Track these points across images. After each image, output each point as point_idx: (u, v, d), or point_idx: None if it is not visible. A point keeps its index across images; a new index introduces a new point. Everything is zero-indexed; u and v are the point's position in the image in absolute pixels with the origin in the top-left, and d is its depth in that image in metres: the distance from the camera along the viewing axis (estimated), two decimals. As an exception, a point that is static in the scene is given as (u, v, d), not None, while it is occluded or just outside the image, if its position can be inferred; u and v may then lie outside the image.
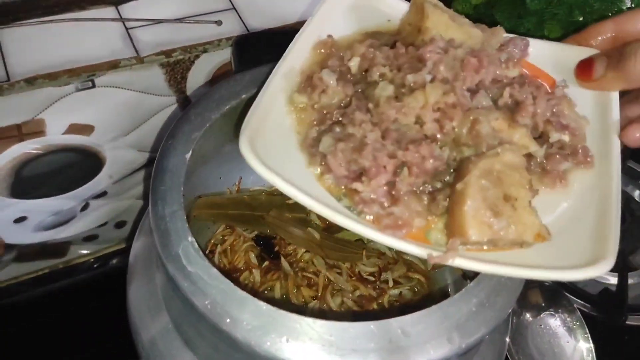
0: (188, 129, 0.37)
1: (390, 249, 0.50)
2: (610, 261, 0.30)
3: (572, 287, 0.59)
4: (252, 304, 0.30)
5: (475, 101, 0.33)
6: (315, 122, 0.34)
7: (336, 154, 0.31)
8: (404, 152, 0.31)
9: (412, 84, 0.33)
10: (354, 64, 0.35)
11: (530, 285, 0.36)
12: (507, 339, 0.43)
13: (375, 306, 0.46)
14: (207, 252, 0.49)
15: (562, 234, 0.32)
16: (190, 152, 0.35)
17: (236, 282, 0.33)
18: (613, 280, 0.60)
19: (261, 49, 0.47)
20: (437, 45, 0.34)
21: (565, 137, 0.34)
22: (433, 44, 0.34)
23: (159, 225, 0.33)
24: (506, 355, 0.44)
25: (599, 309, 0.58)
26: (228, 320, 0.30)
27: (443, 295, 0.48)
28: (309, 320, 0.30)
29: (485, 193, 0.30)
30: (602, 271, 0.30)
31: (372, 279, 0.49)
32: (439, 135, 0.32)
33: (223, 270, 0.47)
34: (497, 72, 0.35)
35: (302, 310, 0.43)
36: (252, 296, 0.30)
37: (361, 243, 0.50)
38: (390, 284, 0.48)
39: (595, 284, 0.60)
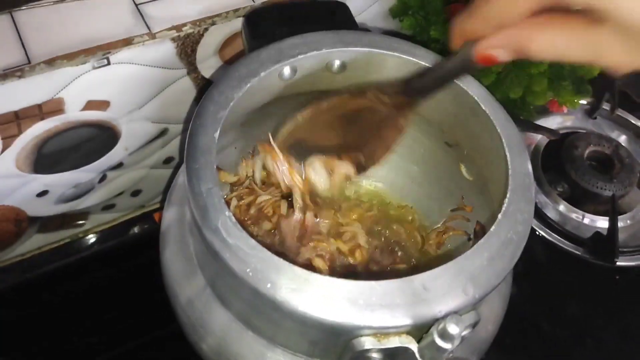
0: (214, 109, 0.39)
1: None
2: None
3: (564, 232, 0.64)
4: (289, 269, 0.33)
5: None
6: None
7: None
8: None
9: None
10: None
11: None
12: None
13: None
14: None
15: None
16: (219, 130, 0.38)
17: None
18: (604, 224, 0.65)
19: (272, 23, 0.48)
20: None
21: None
22: None
23: (197, 202, 0.35)
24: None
25: (591, 251, 0.62)
26: (269, 285, 0.33)
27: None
28: (341, 281, 0.33)
29: None
30: None
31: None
32: None
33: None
34: None
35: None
36: (289, 262, 0.33)
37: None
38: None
39: (587, 228, 0.65)
